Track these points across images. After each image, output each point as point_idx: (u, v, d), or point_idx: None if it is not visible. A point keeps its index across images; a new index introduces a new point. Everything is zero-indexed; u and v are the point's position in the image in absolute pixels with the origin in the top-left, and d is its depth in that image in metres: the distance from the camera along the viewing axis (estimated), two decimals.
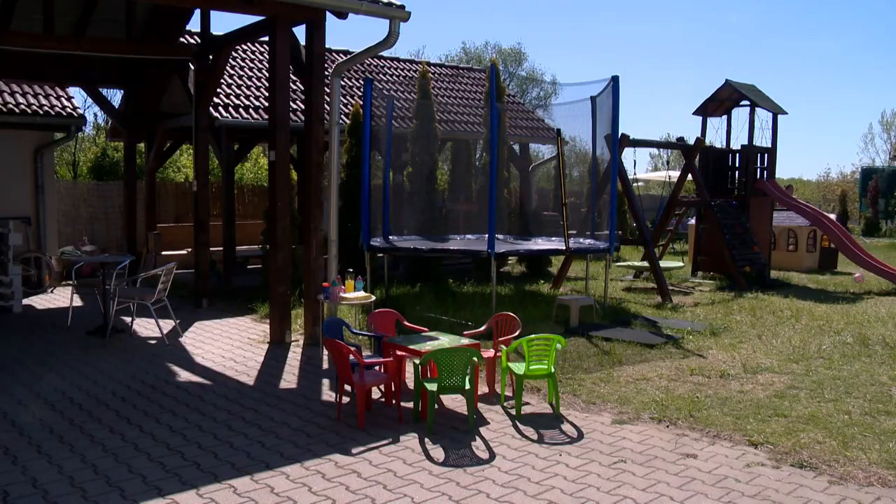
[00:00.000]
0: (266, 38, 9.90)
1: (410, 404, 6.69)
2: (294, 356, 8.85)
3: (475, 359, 6.24)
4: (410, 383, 7.33)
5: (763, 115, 17.28)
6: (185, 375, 7.95)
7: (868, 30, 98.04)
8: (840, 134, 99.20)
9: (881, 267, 15.69)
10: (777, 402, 6.93)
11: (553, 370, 6.67)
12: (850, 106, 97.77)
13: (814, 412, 6.63)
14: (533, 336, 6.68)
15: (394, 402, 6.74)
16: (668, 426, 6.30)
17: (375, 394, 7.03)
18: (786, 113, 17.32)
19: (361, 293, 8.69)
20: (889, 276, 15.38)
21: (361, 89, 14.29)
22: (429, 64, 18.59)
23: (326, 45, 9.61)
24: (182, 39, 13.84)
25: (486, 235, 11.32)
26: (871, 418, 6.50)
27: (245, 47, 16.78)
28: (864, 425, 6.30)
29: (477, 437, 5.98)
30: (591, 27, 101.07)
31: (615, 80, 11.86)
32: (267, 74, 9.38)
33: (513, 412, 6.63)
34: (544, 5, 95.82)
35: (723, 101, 17.60)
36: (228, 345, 9.41)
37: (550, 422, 6.43)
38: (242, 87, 15.19)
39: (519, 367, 6.70)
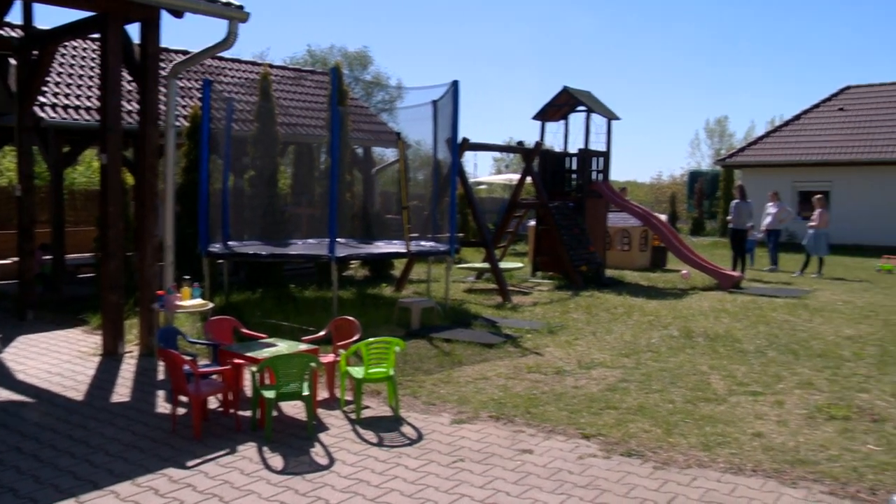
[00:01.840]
0: (98, 35, 9.47)
1: (249, 413, 6.57)
2: (128, 368, 8.49)
3: (313, 364, 6.21)
4: (249, 392, 7.20)
5: (598, 121, 18.00)
6: (3, 395, 7.42)
7: (697, 42, 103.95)
8: (671, 139, 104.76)
9: (705, 264, 16.66)
10: (609, 396, 7.24)
11: (392, 373, 6.71)
12: (679, 113, 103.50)
13: (642, 403, 6.98)
14: (372, 339, 6.70)
15: (231, 411, 6.60)
16: (505, 424, 6.46)
17: (213, 403, 6.86)
18: (619, 118, 18.11)
19: (198, 300, 8.44)
20: (712, 272, 16.34)
21: (201, 91, 13.91)
22: (271, 66, 18.30)
23: (164, 45, 9.31)
24: (1, 31, 13.03)
25: (329, 239, 11.24)
26: (691, 406, 6.91)
27: (77, 44, 15.98)
28: (686, 412, 6.69)
29: (316, 444, 5.94)
30: (437, 32, 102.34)
31: (455, 84, 12.05)
32: (100, 73, 8.99)
33: (353, 416, 6.62)
34: (391, 10, 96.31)
35: (561, 106, 18.18)
36: (56, 359, 8.91)
37: (390, 424, 6.47)
38: (73, 87, 14.47)
39: (358, 371, 6.70)
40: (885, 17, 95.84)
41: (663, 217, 19.47)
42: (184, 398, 6.33)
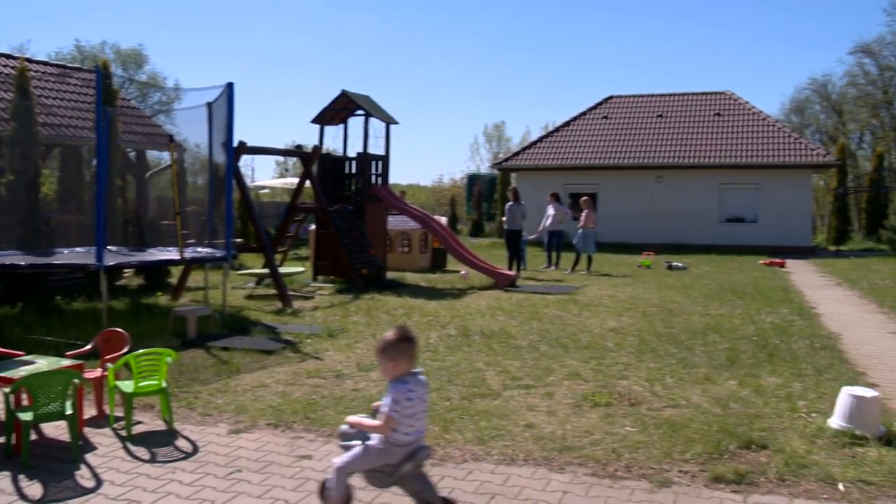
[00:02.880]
0: None
1: (3, 439, 6.08)
2: None
3: (76, 380, 5.85)
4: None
5: (377, 125, 18.18)
6: None
7: (476, 49, 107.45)
8: (452, 143, 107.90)
9: (482, 264, 17.28)
10: None
11: (165, 385, 6.46)
12: (460, 118, 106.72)
13: None
14: (141, 351, 6.42)
15: None
16: (284, 430, 6.39)
17: None
18: (398, 123, 18.40)
19: None
20: (489, 272, 16.96)
21: None
22: (29, 60, 17.06)
23: None
24: None
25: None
26: (468, 402, 7.14)
27: None
28: (462, 409, 6.91)
29: (82, 466, 5.59)
30: (217, 32, 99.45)
31: (230, 86, 11.77)
32: None
33: (123, 433, 6.30)
34: (168, 6, 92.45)
35: (340, 110, 18.20)
36: None
37: (164, 439, 6.22)
38: None
39: (128, 385, 6.39)
40: (644, 34, 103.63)
41: (443, 219, 20.05)
42: None
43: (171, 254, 12.56)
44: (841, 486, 5.09)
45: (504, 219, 19.60)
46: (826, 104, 60.46)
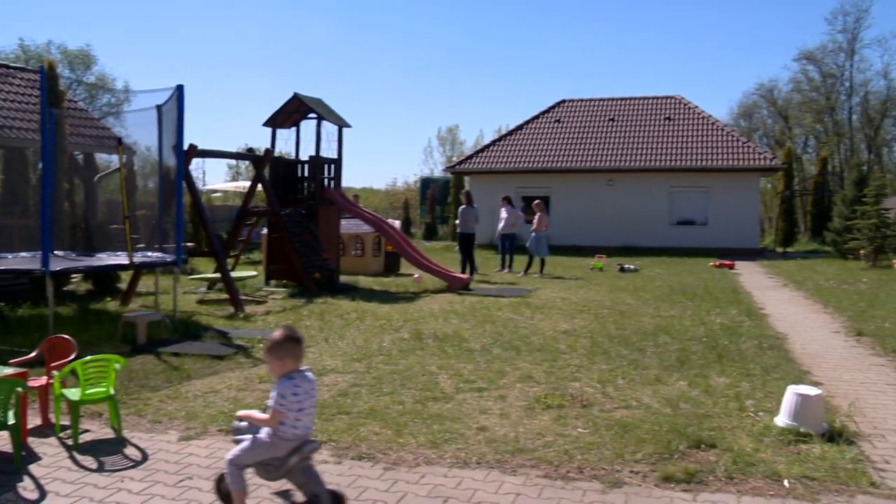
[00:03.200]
0: None
1: None
2: None
3: (20, 389, 5.72)
4: None
5: (330, 128, 18.08)
6: None
7: (430, 52, 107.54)
8: (406, 147, 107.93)
9: (435, 268, 17.28)
10: (341, 401, 7.30)
11: (113, 392, 6.35)
12: (414, 122, 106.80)
13: (373, 406, 7.10)
14: (88, 358, 6.29)
15: None
16: None
17: None
18: (350, 126, 18.31)
19: None
20: (442, 275, 16.97)
21: None
22: None
23: None
24: None
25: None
26: (421, 405, 7.13)
27: None
28: (415, 412, 6.89)
29: (25, 477, 5.46)
30: (169, 33, 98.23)
31: (180, 89, 11.64)
32: None
33: (70, 442, 6.18)
34: (116, 6, 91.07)
35: (292, 113, 18.07)
36: None
37: (113, 447, 6.10)
38: None
39: (74, 393, 6.27)
40: (596, 38, 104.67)
41: (397, 223, 20.01)
42: None
43: (121, 258, 12.36)
44: (786, 483, 5.19)
45: (457, 222, 19.64)
46: (773, 109, 61.77)
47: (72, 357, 6.79)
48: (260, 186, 16.36)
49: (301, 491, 4.77)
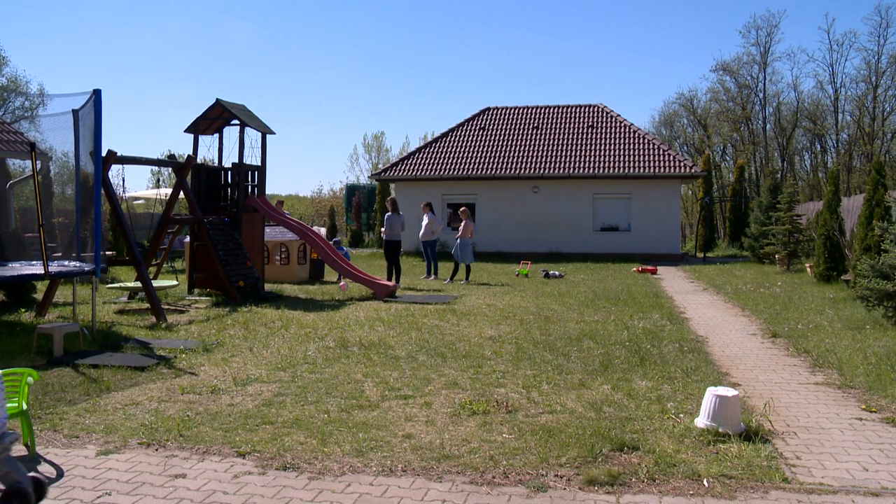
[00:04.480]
0: None
1: None
2: None
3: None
4: None
5: (253, 135, 17.86)
6: None
7: (354, 57, 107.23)
8: (332, 153, 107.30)
9: (361, 275, 17.20)
10: (265, 411, 7.20)
11: (26, 407, 6.14)
12: (340, 128, 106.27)
13: (298, 416, 7.02)
14: None
15: None
16: (157, 449, 6.18)
17: None
18: (274, 133, 18.11)
19: None
20: (368, 282, 16.91)
21: None
22: None
23: None
24: None
25: None
26: (346, 414, 7.09)
27: None
28: (341, 421, 6.84)
29: None
30: (88, 36, 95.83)
31: (97, 93, 11.38)
32: None
33: None
34: (31, 8, 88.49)
35: (214, 119, 17.79)
36: None
37: (26, 465, 5.89)
38: None
39: None
40: (519, 46, 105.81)
41: (322, 230, 19.84)
42: None
43: (35, 268, 11.99)
44: (705, 482, 5.32)
45: (383, 229, 19.60)
46: (692, 118, 63.33)
47: None
48: (182, 194, 16.05)
49: (2, 483, 4.82)
